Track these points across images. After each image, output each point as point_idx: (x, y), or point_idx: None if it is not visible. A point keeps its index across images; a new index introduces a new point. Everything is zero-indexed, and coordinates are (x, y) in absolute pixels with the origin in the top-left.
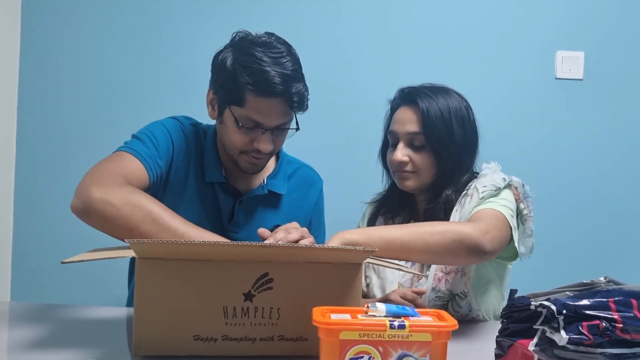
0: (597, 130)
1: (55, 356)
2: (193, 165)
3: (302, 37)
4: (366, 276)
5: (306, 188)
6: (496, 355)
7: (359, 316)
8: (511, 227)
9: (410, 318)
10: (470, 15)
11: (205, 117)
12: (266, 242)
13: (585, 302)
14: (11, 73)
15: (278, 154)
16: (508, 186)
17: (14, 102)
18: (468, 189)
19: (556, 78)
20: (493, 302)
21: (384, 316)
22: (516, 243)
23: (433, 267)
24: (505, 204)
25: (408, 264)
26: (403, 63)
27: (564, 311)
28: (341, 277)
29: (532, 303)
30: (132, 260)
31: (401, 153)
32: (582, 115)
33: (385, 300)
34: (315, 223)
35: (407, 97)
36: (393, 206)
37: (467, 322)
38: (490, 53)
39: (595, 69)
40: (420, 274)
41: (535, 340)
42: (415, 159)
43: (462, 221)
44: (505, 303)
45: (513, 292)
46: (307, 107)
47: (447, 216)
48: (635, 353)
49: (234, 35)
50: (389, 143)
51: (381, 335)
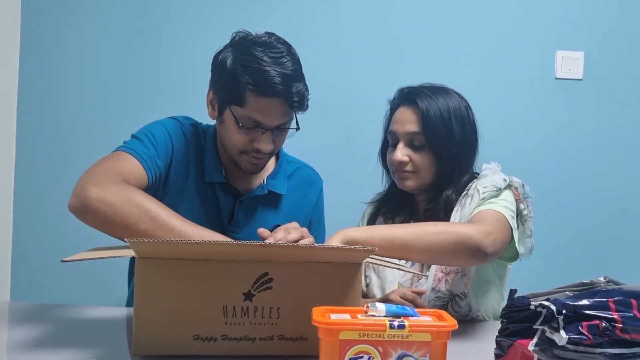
0: (597, 130)
1: (55, 356)
2: (193, 165)
3: (302, 38)
4: (366, 276)
5: (306, 188)
6: (496, 355)
7: (359, 316)
8: (512, 228)
9: (410, 318)
10: (470, 15)
11: (205, 117)
12: (266, 242)
13: (585, 302)
14: (11, 73)
15: (278, 154)
16: (508, 186)
17: (14, 102)
18: (468, 190)
19: (556, 78)
20: (493, 303)
21: (384, 316)
22: (517, 244)
23: (433, 268)
24: (505, 205)
25: (408, 264)
26: (403, 63)
27: (564, 311)
28: (341, 277)
29: (532, 303)
30: (132, 260)
31: (401, 153)
32: (582, 115)
33: (385, 300)
34: (315, 223)
35: (407, 97)
36: (393, 206)
37: (467, 322)
38: (490, 53)
39: (595, 69)
40: (420, 274)
41: (535, 340)
42: (415, 159)
43: (463, 221)
44: (505, 303)
45: (513, 292)
46: (308, 107)
47: (447, 216)
48: (635, 353)
49: (234, 35)
50: (389, 143)
51: (381, 335)
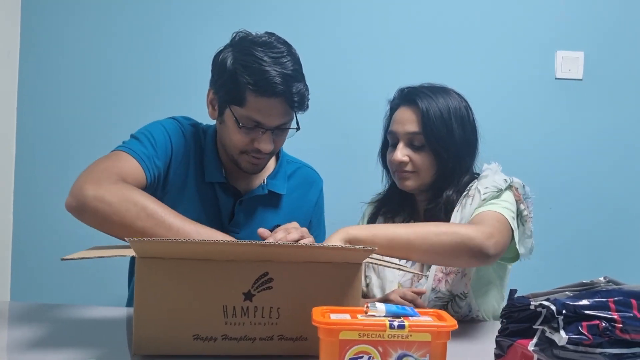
0: (597, 130)
1: (55, 356)
2: (193, 165)
3: (302, 37)
4: (366, 276)
5: (306, 188)
6: (496, 355)
7: (359, 316)
8: (512, 229)
9: (409, 318)
10: (470, 15)
11: (205, 117)
12: (266, 242)
13: (584, 302)
14: (11, 73)
15: (278, 154)
16: (509, 187)
17: (14, 102)
18: (469, 190)
19: (556, 78)
20: (493, 303)
21: (384, 316)
22: (517, 245)
23: (433, 268)
24: (506, 206)
25: (408, 264)
26: (403, 63)
27: (564, 311)
28: (341, 277)
29: (532, 303)
30: (132, 260)
31: (401, 153)
32: (582, 115)
33: (384, 300)
34: (315, 223)
35: (407, 97)
36: (393, 206)
37: (467, 322)
38: (490, 53)
39: (595, 69)
40: (420, 274)
41: (534, 340)
42: (415, 159)
43: (464, 222)
44: (505, 303)
45: (513, 292)
46: (308, 107)
47: (448, 216)
48: (634, 353)
49: (234, 35)
50: (389, 143)
51: (381, 335)
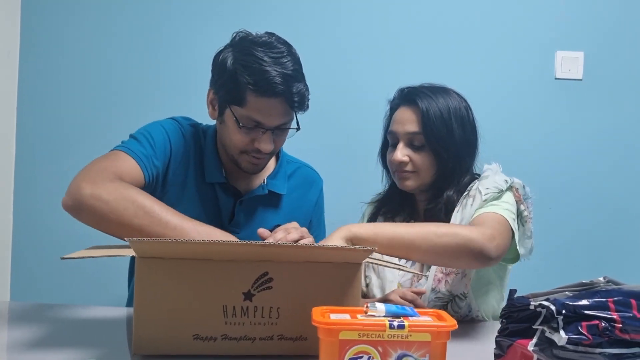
0: (597, 130)
1: (55, 356)
2: (192, 165)
3: (302, 37)
4: (366, 276)
5: (306, 188)
6: (495, 355)
7: (359, 316)
8: (513, 231)
9: (409, 318)
10: (470, 15)
11: (205, 117)
12: (266, 242)
13: (584, 302)
14: (11, 73)
15: (278, 154)
16: (509, 188)
17: (14, 102)
18: (470, 190)
19: (556, 78)
20: (493, 303)
21: (384, 316)
22: (518, 246)
23: (433, 268)
24: (507, 208)
25: (408, 264)
26: (403, 63)
27: (563, 311)
28: (341, 277)
29: (532, 303)
30: (132, 260)
31: (401, 153)
32: (582, 115)
33: (384, 300)
34: (315, 223)
35: (407, 97)
36: (393, 206)
37: (467, 322)
38: (490, 53)
39: (594, 69)
40: (420, 274)
41: (534, 340)
42: (415, 159)
43: (464, 222)
44: (505, 304)
45: (512, 292)
46: (308, 107)
47: (448, 216)
48: (634, 353)
49: (235, 35)
50: (389, 143)
51: (380, 335)
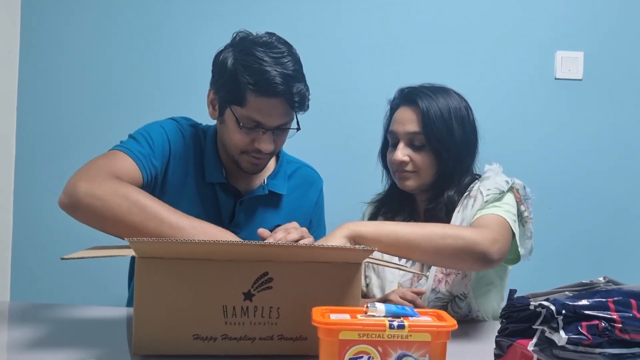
0: (597, 130)
1: (55, 356)
2: (192, 165)
3: (302, 37)
4: (366, 276)
5: (306, 188)
6: (495, 355)
7: (359, 316)
8: (514, 233)
9: (409, 318)
10: (470, 15)
11: (205, 117)
12: (266, 242)
13: (584, 302)
14: (11, 73)
15: (278, 154)
16: (510, 189)
17: (14, 102)
18: (470, 191)
19: (556, 78)
20: (493, 304)
21: (384, 316)
22: (519, 247)
23: (433, 268)
24: (508, 209)
25: (408, 264)
26: (403, 63)
27: (563, 311)
28: (341, 277)
29: (532, 303)
30: (132, 260)
31: (401, 153)
32: (582, 115)
33: (384, 300)
34: (315, 222)
35: (407, 97)
36: (393, 206)
37: (467, 322)
38: (490, 53)
39: (594, 69)
40: (420, 274)
41: (534, 340)
42: (415, 159)
43: (465, 223)
44: (505, 304)
45: (512, 292)
46: (308, 107)
47: (448, 217)
48: (634, 353)
49: (235, 35)
50: (389, 143)
51: (380, 335)
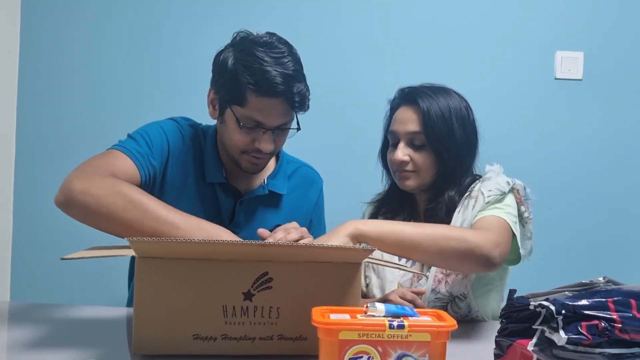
0: (597, 130)
1: (55, 356)
2: (192, 166)
3: (302, 37)
4: (366, 276)
5: (306, 188)
6: (495, 355)
7: (358, 316)
8: (514, 235)
9: (409, 318)
10: (470, 15)
11: (205, 117)
12: (266, 242)
13: (584, 302)
14: (11, 73)
15: (278, 154)
16: (511, 190)
17: (14, 102)
18: (471, 191)
19: (555, 78)
20: (493, 304)
21: (383, 316)
22: (522, 250)
23: (433, 268)
24: (509, 211)
25: (408, 264)
26: (403, 63)
27: (563, 311)
28: (341, 277)
29: (531, 303)
30: (132, 260)
31: (402, 152)
32: (582, 115)
33: (384, 300)
34: (315, 222)
35: (408, 97)
36: (393, 206)
37: (467, 322)
38: (489, 53)
39: (594, 69)
40: (420, 274)
41: (534, 340)
42: (416, 159)
43: (466, 223)
44: (504, 304)
45: (512, 292)
46: (309, 108)
47: (449, 217)
48: (634, 353)
49: (235, 35)
50: (389, 143)
51: (380, 335)
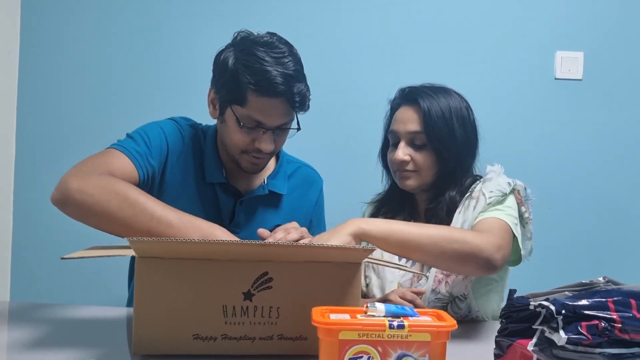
0: (597, 130)
1: (55, 356)
2: (192, 165)
3: (303, 37)
4: (366, 276)
5: (306, 187)
6: (495, 355)
7: (358, 316)
8: (515, 236)
9: (409, 318)
10: (470, 15)
11: (205, 117)
12: (266, 242)
13: (584, 302)
14: (11, 73)
15: (278, 154)
16: (512, 191)
17: (14, 102)
18: (472, 192)
19: (555, 78)
20: (493, 304)
21: (383, 316)
22: (522, 250)
23: (433, 269)
24: (510, 213)
25: (408, 264)
26: (403, 63)
27: (563, 311)
28: (341, 277)
29: (531, 303)
30: (132, 260)
31: (402, 152)
32: (582, 115)
33: (384, 300)
34: (315, 222)
35: (408, 97)
36: (393, 206)
37: (467, 322)
38: (489, 53)
39: (594, 69)
40: (420, 274)
41: (534, 340)
42: (416, 158)
43: (467, 224)
44: (504, 304)
45: (512, 292)
46: (309, 108)
47: (449, 217)
48: (634, 353)
49: (236, 35)
50: (389, 143)
51: (380, 335)
